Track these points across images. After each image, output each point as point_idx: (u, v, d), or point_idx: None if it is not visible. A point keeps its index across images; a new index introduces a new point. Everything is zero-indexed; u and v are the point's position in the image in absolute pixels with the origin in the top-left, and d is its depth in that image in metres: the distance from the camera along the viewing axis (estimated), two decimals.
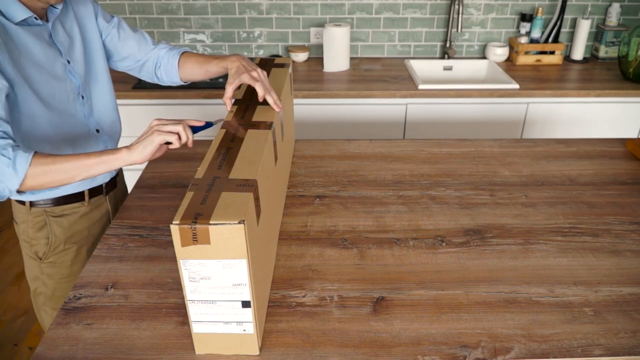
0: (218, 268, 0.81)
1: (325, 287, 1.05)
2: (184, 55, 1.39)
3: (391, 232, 1.22)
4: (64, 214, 1.30)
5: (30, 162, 0.98)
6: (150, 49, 1.40)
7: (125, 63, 1.40)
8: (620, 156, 1.58)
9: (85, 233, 1.35)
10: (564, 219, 1.27)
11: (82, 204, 1.32)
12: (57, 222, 1.29)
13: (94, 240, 1.37)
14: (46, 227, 1.28)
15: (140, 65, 1.41)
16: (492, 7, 2.62)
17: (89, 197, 1.33)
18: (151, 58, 1.40)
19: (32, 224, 1.28)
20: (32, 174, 0.99)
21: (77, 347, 0.92)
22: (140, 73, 1.44)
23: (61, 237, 1.30)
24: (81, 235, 1.34)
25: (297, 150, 1.62)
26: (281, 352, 0.91)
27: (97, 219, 1.37)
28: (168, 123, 1.04)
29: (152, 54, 1.40)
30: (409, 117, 2.30)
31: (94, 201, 1.35)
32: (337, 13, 2.61)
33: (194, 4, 2.57)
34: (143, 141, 1.02)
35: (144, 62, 1.41)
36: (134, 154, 1.02)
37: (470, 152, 1.60)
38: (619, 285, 1.06)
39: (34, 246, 1.30)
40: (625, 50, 2.36)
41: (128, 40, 1.37)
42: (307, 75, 2.44)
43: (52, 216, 1.28)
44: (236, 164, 0.92)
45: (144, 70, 1.42)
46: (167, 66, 1.40)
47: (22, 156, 0.98)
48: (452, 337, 0.94)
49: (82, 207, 1.32)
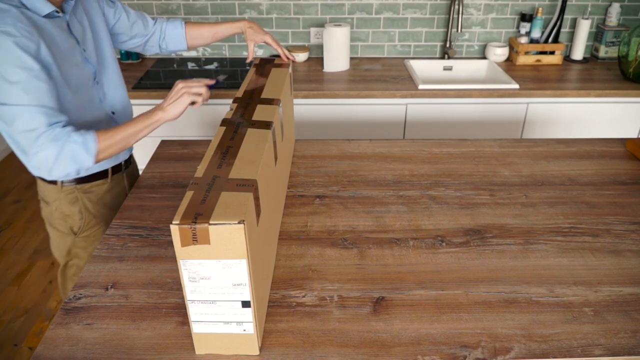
0: (218, 268, 0.81)
1: (325, 287, 1.05)
2: (187, 23, 1.59)
3: (391, 232, 1.22)
4: (91, 191, 1.41)
5: (97, 142, 1.15)
6: (152, 24, 1.57)
7: (133, 41, 1.55)
8: (620, 156, 1.58)
9: (109, 206, 1.47)
10: (564, 219, 1.27)
11: (105, 180, 1.43)
12: (87, 197, 1.40)
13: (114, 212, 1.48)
14: (78, 202, 1.39)
15: (145, 41, 1.57)
16: (492, 7, 2.62)
17: (111, 174, 1.45)
18: (155, 31, 1.57)
19: (66, 201, 1.38)
20: (101, 150, 1.16)
21: (77, 347, 0.92)
22: (145, 47, 1.59)
23: (92, 210, 1.42)
24: (107, 210, 1.46)
25: (297, 150, 1.62)
26: (281, 352, 0.91)
27: (117, 194, 1.49)
28: (193, 85, 1.21)
29: (155, 28, 1.57)
30: (409, 117, 2.30)
31: (115, 177, 1.47)
32: (337, 13, 2.61)
33: (194, 4, 2.57)
34: (175, 102, 1.20)
35: (149, 37, 1.57)
36: (168, 114, 1.20)
37: (470, 152, 1.60)
38: (619, 285, 1.06)
39: (68, 222, 1.40)
40: (625, 50, 2.36)
41: (136, 20, 1.52)
42: (307, 75, 2.44)
43: (82, 192, 1.39)
44: (236, 164, 0.92)
45: (148, 44, 1.58)
46: (172, 35, 1.58)
47: (89, 137, 1.14)
48: (452, 337, 0.94)
49: (105, 184, 1.44)
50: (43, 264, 2.55)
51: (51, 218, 1.41)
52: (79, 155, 1.13)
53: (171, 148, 1.64)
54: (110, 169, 1.44)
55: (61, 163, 1.12)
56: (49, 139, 1.10)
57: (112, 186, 1.46)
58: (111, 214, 1.47)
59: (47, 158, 1.11)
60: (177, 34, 1.57)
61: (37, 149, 1.10)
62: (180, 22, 1.59)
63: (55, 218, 1.40)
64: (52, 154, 1.10)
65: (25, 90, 1.08)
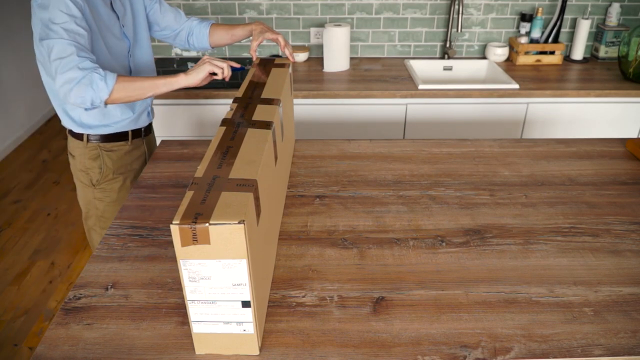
0: (218, 268, 0.81)
1: (325, 287, 1.05)
2: (213, 25, 1.74)
3: (391, 232, 1.22)
4: (113, 150, 1.58)
5: (116, 79, 1.29)
6: (184, 21, 1.72)
7: (164, 32, 1.71)
8: (620, 156, 1.58)
9: (128, 167, 1.63)
10: (564, 219, 1.27)
11: (126, 142, 1.60)
12: (107, 155, 1.57)
13: (135, 175, 1.66)
14: (99, 158, 1.57)
15: (175, 34, 1.73)
16: (492, 7, 2.62)
17: (132, 137, 1.61)
18: (185, 28, 1.73)
19: (89, 156, 1.56)
20: (117, 88, 1.29)
21: (77, 347, 0.92)
22: (175, 40, 1.75)
23: (111, 167, 1.59)
24: (125, 169, 1.62)
25: (297, 150, 1.62)
26: (281, 352, 0.91)
27: (136, 157, 1.66)
28: (217, 60, 1.35)
29: (185, 25, 1.72)
30: (409, 117, 2.30)
31: (135, 142, 1.63)
32: (337, 13, 2.61)
33: (194, 4, 2.57)
34: (197, 68, 1.34)
35: (179, 32, 1.73)
36: (190, 78, 1.34)
37: (470, 152, 1.60)
38: (619, 285, 1.06)
39: (89, 174, 1.58)
40: (625, 50, 2.36)
41: (167, 13, 1.68)
42: (307, 75, 2.44)
43: (104, 150, 1.57)
44: (236, 164, 0.92)
45: (178, 38, 1.74)
46: (198, 34, 1.73)
47: (110, 74, 1.29)
48: (452, 337, 0.94)
49: (125, 146, 1.61)
50: (43, 264, 2.55)
51: (76, 170, 1.60)
52: (97, 84, 1.27)
53: (171, 148, 1.64)
54: (131, 132, 1.60)
55: (81, 87, 1.26)
56: (76, 66, 1.26)
57: (132, 149, 1.63)
58: (129, 174, 1.64)
59: (70, 80, 1.25)
60: (202, 33, 1.72)
61: (64, 70, 1.25)
62: (209, 22, 1.74)
63: (79, 170, 1.59)
64: (75, 77, 1.25)
65: (66, 29, 1.27)
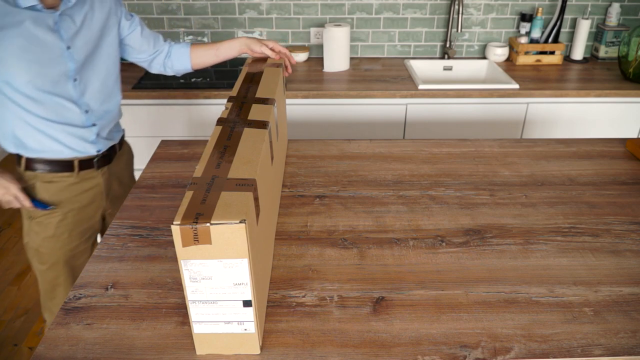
0: (219, 268, 0.81)
1: (325, 287, 1.05)
2: (194, 44, 1.64)
3: (391, 232, 1.22)
4: (53, 181, 1.44)
5: None
6: (161, 44, 1.63)
7: (140, 56, 1.61)
8: (620, 156, 1.58)
9: (72, 201, 1.48)
10: (564, 219, 1.27)
11: (71, 174, 1.46)
12: (44, 187, 1.44)
13: (82, 210, 1.51)
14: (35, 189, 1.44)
15: (152, 58, 1.62)
16: (492, 7, 2.62)
17: (79, 168, 1.46)
18: (162, 51, 1.62)
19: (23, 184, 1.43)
20: None
21: (77, 347, 0.92)
22: (151, 65, 1.64)
23: (47, 200, 1.45)
24: (68, 203, 1.47)
25: (297, 150, 1.62)
26: (281, 352, 0.91)
27: (85, 190, 1.50)
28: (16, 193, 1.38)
29: (162, 48, 1.63)
30: (409, 117, 2.30)
31: (84, 173, 1.48)
32: (337, 13, 2.61)
33: (194, 4, 2.57)
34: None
35: (156, 55, 1.62)
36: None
37: (470, 152, 1.60)
38: (619, 285, 1.06)
39: None
40: (625, 50, 2.36)
41: (148, 37, 1.59)
42: (307, 75, 2.44)
43: (42, 181, 1.43)
44: (234, 163, 0.92)
45: (154, 62, 1.63)
46: (178, 55, 1.62)
47: None
48: (452, 337, 0.94)
49: (70, 177, 1.46)
50: None
51: None
52: None
53: (171, 148, 1.64)
54: (77, 162, 1.45)
55: None
56: None
57: (79, 181, 1.48)
58: (73, 208, 1.48)
59: None
60: (182, 53, 1.62)
61: None
62: (187, 43, 1.64)
63: None
64: None
65: None
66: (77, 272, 1.55)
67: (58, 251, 1.50)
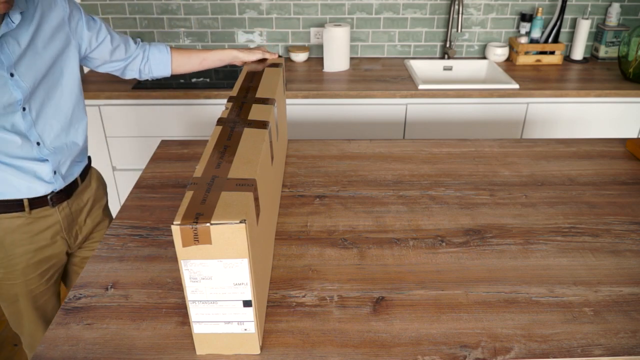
0: (219, 268, 0.81)
1: (325, 287, 1.05)
2: (175, 49, 1.52)
3: (391, 232, 1.22)
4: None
5: None
6: (134, 48, 1.48)
7: (110, 65, 1.45)
8: (620, 156, 1.58)
9: (24, 243, 1.30)
10: (564, 219, 1.27)
11: (22, 214, 1.27)
12: None
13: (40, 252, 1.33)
14: None
15: (125, 65, 1.48)
16: (492, 7, 2.62)
17: (30, 207, 1.27)
18: (137, 55, 1.48)
19: None
20: None
21: (77, 347, 0.92)
22: (125, 71, 1.49)
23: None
24: (20, 245, 1.29)
25: (297, 150, 1.62)
26: (281, 352, 0.91)
27: (41, 231, 1.32)
28: None
29: (137, 52, 1.48)
30: (409, 117, 2.30)
31: (38, 212, 1.29)
32: (337, 13, 2.61)
33: (194, 4, 2.57)
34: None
35: (131, 61, 1.48)
36: None
37: (470, 152, 1.60)
38: (619, 285, 1.06)
39: None
40: (625, 50, 2.36)
41: (117, 44, 1.43)
42: (307, 75, 2.44)
43: None
44: (234, 163, 0.92)
45: (128, 69, 1.49)
46: (157, 60, 1.49)
47: None
48: (452, 337, 0.94)
49: (21, 218, 1.27)
50: None
51: None
52: None
53: (171, 148, 1.64)
54: (27, 201, 1.26)
55: None
56: None
57: (32, 221, 1.29)
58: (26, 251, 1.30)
59: None
60: (162, 59, 1.49)
61: None
62: (166, 46, 1.50)
63: None
64: None
65: None
66: (43, 308, 1.41)
67: (15, 292, 1.35)
